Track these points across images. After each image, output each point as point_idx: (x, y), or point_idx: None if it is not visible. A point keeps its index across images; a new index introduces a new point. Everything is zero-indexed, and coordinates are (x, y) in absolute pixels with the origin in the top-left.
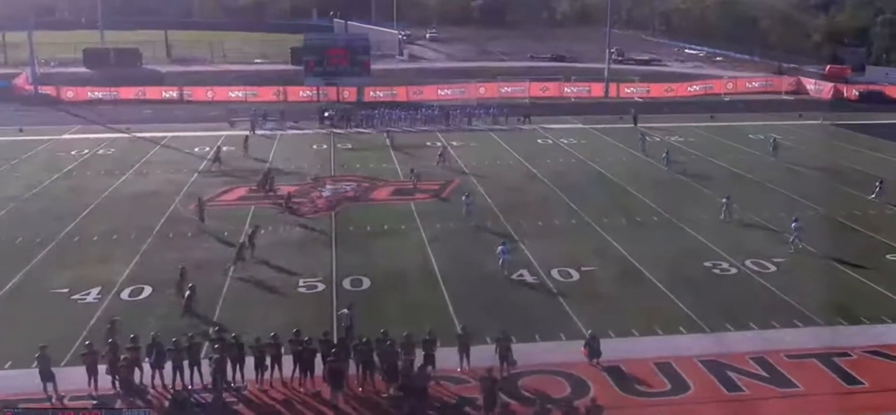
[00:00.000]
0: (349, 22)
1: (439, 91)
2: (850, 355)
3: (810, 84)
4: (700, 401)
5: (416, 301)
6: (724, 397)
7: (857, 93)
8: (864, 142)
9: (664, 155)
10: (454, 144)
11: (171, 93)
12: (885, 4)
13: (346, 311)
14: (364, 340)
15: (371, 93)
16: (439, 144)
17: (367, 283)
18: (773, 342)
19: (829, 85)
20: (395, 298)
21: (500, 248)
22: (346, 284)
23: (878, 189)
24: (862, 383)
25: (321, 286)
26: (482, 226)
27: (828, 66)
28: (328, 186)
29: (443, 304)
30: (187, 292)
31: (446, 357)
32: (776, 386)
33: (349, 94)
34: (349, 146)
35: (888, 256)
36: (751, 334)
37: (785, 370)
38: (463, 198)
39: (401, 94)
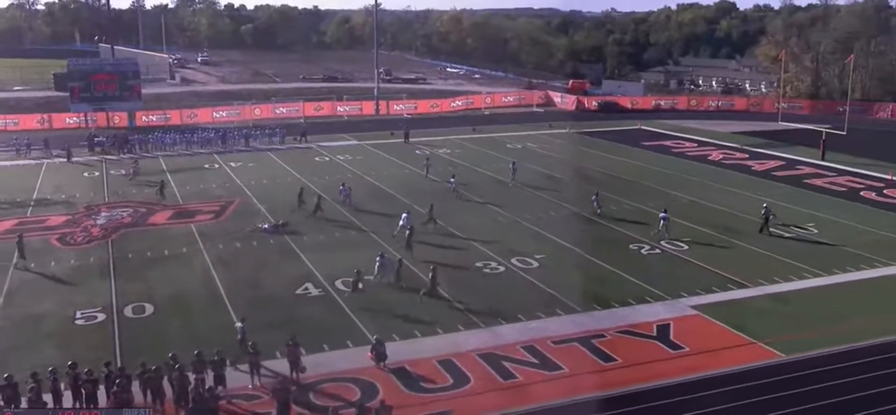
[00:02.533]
0: (116, 46)
1: (215, 113)
2: (604, 336)
3: (557, 97)
4: (479, 391)
5: (202, 324)
6: (500, 385)
7: (596, 103)
8: (604, 146)
9: (451, 178)
10: (232, 164)
11: None
12: (614, 27)
13: (239, 324)
14: (154, 367)
15: (143, 117)
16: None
17: (150, 309)
18: (539, 331)
19: (573, 97)
20: (180, 322)
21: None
22: (128, 312)
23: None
24: (616, 360)
25: (101, 316)
26: (266, 244)
27: (571, 81)
28: (103, 214)
29: (230, 324)
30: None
31: (237, 376)
32: (544, 370)
33: (120, 119)
34: (123, 172)
35: (631, 247)
36: (520, 325)
37: (551, 355)
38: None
39: (175, 117)
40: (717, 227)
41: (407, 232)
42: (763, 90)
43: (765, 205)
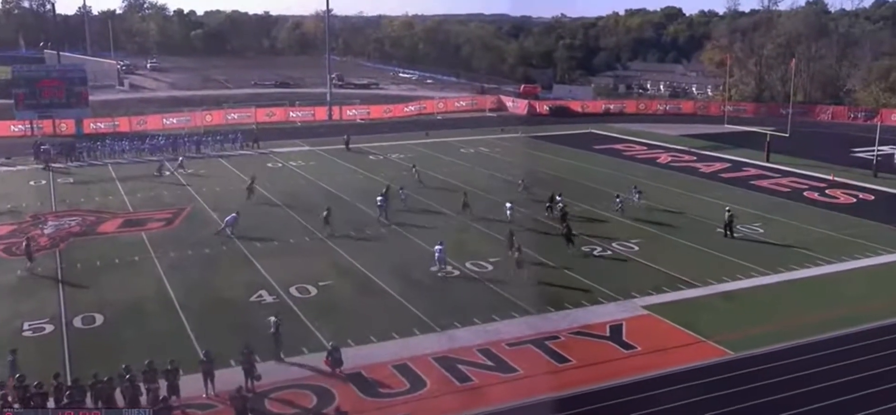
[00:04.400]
0: (62, 53)
1: (165, 120)
2: (558, 338)
3: (509, 101)
4: (435, 395)
5: (155, 333)
6: (456, 388)
7: (547, 108)
8: (556, 150)
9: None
10: (183, 171)
11: None
12: (564, 32)
13: (272, 318)
14: (107, 378)
15: (91, 125)
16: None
17: (100, 319)
18: (495, 334)
19: (524, 102)
20: (132, 331)
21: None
22: (78, 322)
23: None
24: (570, 361)
25: (49, 327)
26: (219, 252)
27: (522, 86)
28: (50, 223)
29: (183, 332)
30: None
31: (191, 384)
32: (500, 372)
33: (67, 126)
34: (71, 180)
35: (583, 248)
36: (476, 328)
37: (506, 358)
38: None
39: (123, 124)
40: (666, 228)
41: (559, 214)
42: (709, 94)
43: (727, 209)
